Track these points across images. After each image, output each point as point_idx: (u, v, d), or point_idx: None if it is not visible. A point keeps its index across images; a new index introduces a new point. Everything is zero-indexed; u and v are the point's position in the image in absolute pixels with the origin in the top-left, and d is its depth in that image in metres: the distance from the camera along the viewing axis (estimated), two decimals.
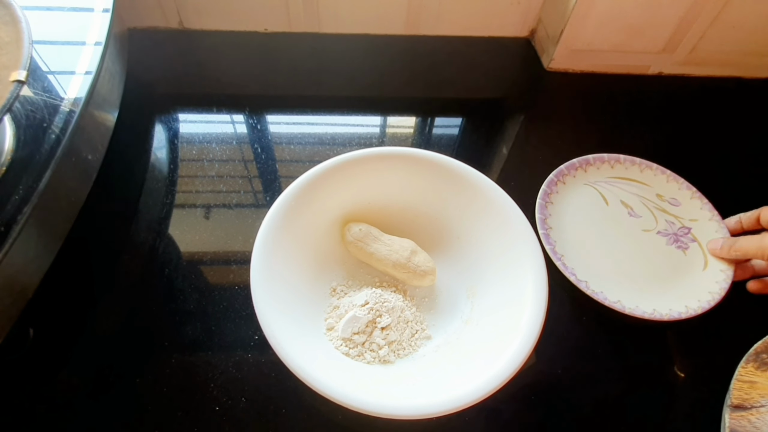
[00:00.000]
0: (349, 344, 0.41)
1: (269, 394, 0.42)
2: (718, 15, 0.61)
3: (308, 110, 0.62)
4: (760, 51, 0.66)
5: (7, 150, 0.39)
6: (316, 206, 0.46)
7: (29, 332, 0.42)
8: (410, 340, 0.43)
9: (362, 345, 0.41)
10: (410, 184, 0.49)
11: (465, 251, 0.48)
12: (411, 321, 0.44)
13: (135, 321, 0.45)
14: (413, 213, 0.50)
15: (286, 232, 0.43)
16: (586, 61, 0.67)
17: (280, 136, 0.59)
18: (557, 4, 0.63)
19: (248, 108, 0.60)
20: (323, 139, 0.59)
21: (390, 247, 0.47)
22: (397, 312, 0.43)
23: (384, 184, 0.49)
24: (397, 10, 0.66)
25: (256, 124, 0.59)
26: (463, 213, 0.48)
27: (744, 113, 0.67)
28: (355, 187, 0.48)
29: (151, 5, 0.64)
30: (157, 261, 0.49)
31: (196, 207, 0.52)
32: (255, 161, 0.56)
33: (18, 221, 0.36)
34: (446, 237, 0.49)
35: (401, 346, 0.42)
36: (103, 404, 0.41)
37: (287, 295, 0.41)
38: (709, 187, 0.54)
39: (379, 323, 0.42)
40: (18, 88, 0.33)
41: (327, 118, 0.61)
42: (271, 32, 0.68)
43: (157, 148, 0.57)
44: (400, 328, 0.43)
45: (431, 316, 0.46)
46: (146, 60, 0.63)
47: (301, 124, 0.60)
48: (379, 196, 0.49)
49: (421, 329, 0.44)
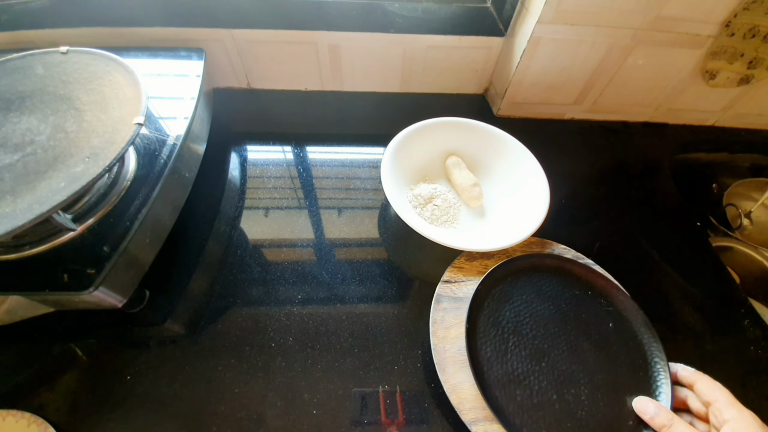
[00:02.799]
0: (418, 200, 0.50)
1: (309, 336, 0.42)
2: (611, 79, 0.61)
3: (334, 143, 0.61)
4: (639, 102, 0.66)
5: (132, 170, 0.39)
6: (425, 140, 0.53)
7: (146, 293, 0.42)
8: (450, 216, 0.50)
9: (423, 206, 0.50)
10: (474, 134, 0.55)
11: (494, 174, 0.54)
12: (452, 206, 0.51)
13: (216, 286, 0.45)
14: (470, 152, 0.56)
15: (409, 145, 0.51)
16: (523, 110, 0.66)
17: (315, 160, 0.58)
18: (503, 73, 0.63)
19: (294, 141, 0.60)
20: (344, 162, 0.58)
21: (462, 176, 0.52)
22: (446, 198, 0.51)
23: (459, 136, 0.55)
24: (394, 75, 0.66)
25: (299, 153, 0.59)
26: (493, 152, 0.54)
27: (627, 147, 0.67)
28: (447, 136, 0.54)
29: (228, 72, 0.64)
30: (232, 245, 0.48)
31: (259, 209, 0.52)
32: (299, 177, 0.56)
33: (138, 218, 0.36)
34: (484, 166, 0.55)
35: (444, 219, 0.50)
36: (193, 343, 0.41)
37: (403, 171, 0.51)
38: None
39: (436, 200, 0.51)
40: (138, 128, 0.33)
41: (347, 148, 0.61)
42: (309, 90, 0.68)
43: (232, 168, 0.57)
44: (444, 208, 0.50)
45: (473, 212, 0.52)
46: (225, 109, 0.62)
47: (329, 153, 0.60)
48: (456, 141, 0.55)
49: (458, 210, 0.51)
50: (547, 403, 0.35)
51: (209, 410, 0.37)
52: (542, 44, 0.55)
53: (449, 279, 0.43)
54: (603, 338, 0.39)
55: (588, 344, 0.39)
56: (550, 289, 0.42)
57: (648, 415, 0.33)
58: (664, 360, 0.37)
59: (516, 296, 0.41)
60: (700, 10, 0.51)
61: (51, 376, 0.38)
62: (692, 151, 0.70)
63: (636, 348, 0.38)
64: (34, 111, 0.37)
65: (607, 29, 0.53)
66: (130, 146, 0.33)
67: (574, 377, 0.36)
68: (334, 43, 0.60)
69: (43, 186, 0.31)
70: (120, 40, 0.56)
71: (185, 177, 0.45)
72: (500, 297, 0.41)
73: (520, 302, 0.41)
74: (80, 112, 0.36)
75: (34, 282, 0.33)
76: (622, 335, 0.39)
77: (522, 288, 0.42)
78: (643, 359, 0.38)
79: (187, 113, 0.45)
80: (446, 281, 0.43)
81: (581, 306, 0.41)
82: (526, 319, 0.39)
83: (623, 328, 0.40)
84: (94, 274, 0.33)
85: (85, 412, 0.36)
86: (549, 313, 0.40)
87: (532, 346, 0.38)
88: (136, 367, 0.39)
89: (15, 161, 0.33)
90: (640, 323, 0.40)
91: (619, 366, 0.37)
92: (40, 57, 0.41)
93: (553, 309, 0.40)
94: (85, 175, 0.31)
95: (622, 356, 0.38)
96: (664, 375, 0.36)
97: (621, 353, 0.38)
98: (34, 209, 0.29)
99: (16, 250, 0.35)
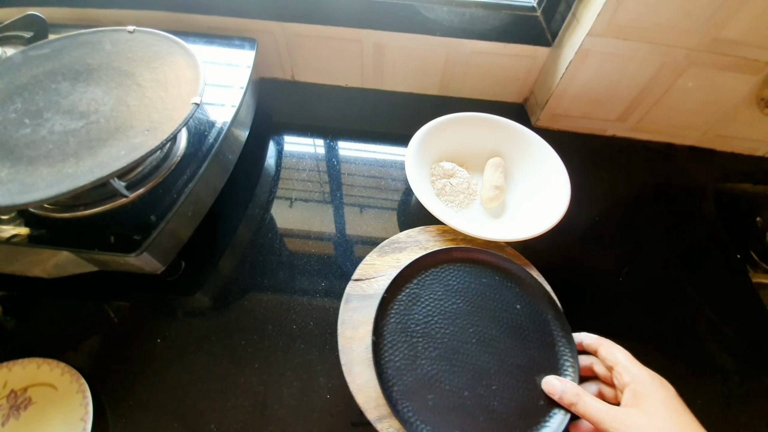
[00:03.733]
0: (438, 171, 0.52)
1: (328, 321, 0.43)
2: (659, 99, 0.59)
3: (369, 140, 0.62)
4: (686, 125, 0.64)
5: (182, 147, 0.42)
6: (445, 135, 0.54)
7: (181, 264, 0.45)
8: (458, 200, 0.51)
9: (439, 178, 0.52)
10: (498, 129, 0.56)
11: (518, 180, 0.54)
12: (464, 192, 0.52)
13: (246, 265, 0.47)
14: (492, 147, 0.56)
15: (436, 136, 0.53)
16: (562, 123, 0.65)
17: (348, 156, 0.60)
18: (545, 83, 0.62)
19: (330, 135, 0.62)
20: (377, 161, 0.59)
21: (495, 176, 0.52)
22: (463, 181, 0.52)
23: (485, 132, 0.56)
24: (434, 78, 0.66)
25: (335, 147, 0.60)
26: (516, 147, 0.55)
27: (669, 169, 0.65)
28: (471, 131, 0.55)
29: (275, 63, 0.66)
30: (263, 229, 0.50)
31: (290, 199, 0.54)
32: (328, 171, 0.57)
33: (184, 192, 0.38)
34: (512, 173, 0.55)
35: (452, 199, 0.51)
36: (220, 315, 0.43)
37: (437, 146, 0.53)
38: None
39: (453, 179, 0.52)
40: (195, 108, 0.35)
41: (379, 147, 0.62)
42: (349, 86, 0.69)
43: (269, 156, 0.59)
44: (458, 190, 0.51)
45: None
46: (269, 98, 0.64)
47: (363, 150, 0.61)
48: (498, 142, 0.56)
49: (470, 200, 0.52)
50: (459, 401, 0.34)
51: (231, 381, 0.38)
52: (590, 57, 0.54)
53: (359, 277, 0.42)
54: (513, 322, 0.38)
55: (498, 331, 0.38)
56: (458, 282, 0.41)
57: (556, 395, 0.33)
58: (569, 333, 0.37)
59: (424, 296, 0.40)
60: (760, 35, 0.49)
61: (87, 331, 0.41)
62: (738, 180, 0.67)
63: (543, 326, 0.38)
64: (100, 83, 0.40)
65: (661, 47, 0.52)
66: (186, 123, 0.35)
67: (485, 369, 0.36)
68: (379, 42, 0.61)
69: (104, 152, 0.34)
70: (179, 25, 0.59)
71: (228, 159, 0.47)
72: (408, 300, 0.39)
73: (428, 302, 0.39)
74: (142, 88, 0.39)
75: (85, 241, 0.36)
76: (529, 315, 0.39)
77: (430, 286, 0.40)
78: (549, 336, 0.38)
79: (235, 101, 0.47)
80: (356, 279, 0.41)
81: (490, 293, 0.40)
82: (436, 318, 0.38)
83: (530, 308, 0.39)
84: (140, 240, 0.35)
85: (115, 367, 0.39)
86: (458, 307, 0.39)
87: (442, 345, 0.37)
88: (167, 332, 0.41)
89: (80, 127, 0.36)
90: (545, 301, 0.39)
91: (529, 348, 0.37)
92: (109, 34, 0.44)
93: (462, 302, 0.39)
94: (144, 145, 0.33)
95: (531, 337, 0.38)
96: (569, 349, 0.36)
97: (530, 334, 0.38)
98: (95, 172, 0.32)
99: (71, 209, 0.37)
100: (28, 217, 0.37)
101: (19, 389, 0.37)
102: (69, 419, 0.35)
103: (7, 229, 0.36)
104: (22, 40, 0.47)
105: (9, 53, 0.43)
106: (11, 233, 0.35)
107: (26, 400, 0.36)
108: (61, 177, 0.32)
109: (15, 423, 0.35)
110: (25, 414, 0.36)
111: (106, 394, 0.37)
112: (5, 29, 0.47)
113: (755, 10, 0.47)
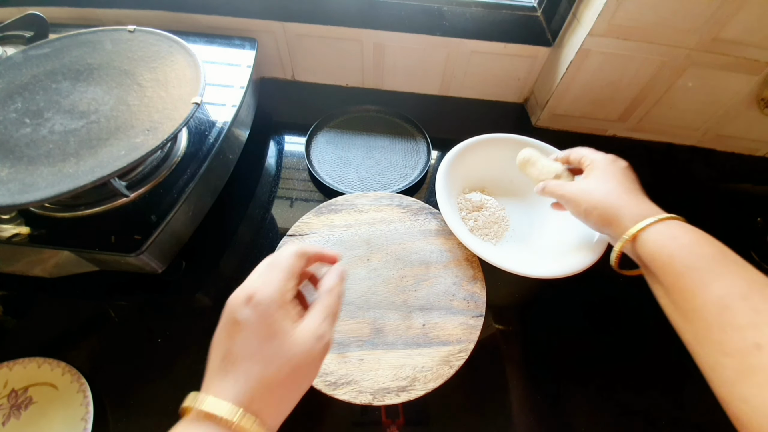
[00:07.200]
0: (466, 204, 0.50)
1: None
2: (659, 99, 0.59)
3: None
4: (687, 125, 0.64)
5: (183, 147, 0.42)
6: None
7: (182, 264, 0.45)
8: (492, 232, 0.49)
9: (469, 212, 0.50)
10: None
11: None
12: (498, 223, 0.50)
13: (246, 265, 0.46)
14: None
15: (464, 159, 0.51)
16: (562, 123, 0.65)
17: None
18: (546, 83, 0.62)
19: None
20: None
21: (544, 169, 0.45)
22: (494, 212, 0.51)
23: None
24: (435, 77, 0.66)
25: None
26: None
27: (669, 169, 0.65)
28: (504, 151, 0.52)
29: (275, 63, 0.66)
30: (264, 228, 0.50)
31: (290, 199, 0.54)
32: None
33: (185, 192, 0.38)
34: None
35: (486, 232, 0.49)
36: (221, 314, 0.43)
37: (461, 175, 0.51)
38: None
39: (484, 210, 0.50)
40: (196, 108, 0.35)
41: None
42: (350, 86, 0.69)
43: (270, 156, 0.59)
44: (490, 222, 0.50)
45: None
46: (269, 98, 0.64)
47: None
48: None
49: (503, 229, 0.50)
50: None
51: None
52: (591, 57, 0.54)
53: (294, 233, 0.45)
54: None
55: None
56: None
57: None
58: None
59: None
60: (760, 35, 0.50)
61: (88, 331, 0.41)
62: (738, 180, 0.67)
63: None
64: (100, 83, 0.40)
65: (661, 47, 0.52)
66: (187, 123, 0.35)
67: None
68: (379, 42, 0.61)
69: (105, 152, 0.34)
70: (179, 25, 0.59)
71: (229, 159, 0.47)
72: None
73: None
74: (142, 88, 0.39)
75: (86, 241, 0.36)
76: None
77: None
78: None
79: (235, 101, 0.47)
80: (290, 235, 0.45)
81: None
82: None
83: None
84: (141, 240, 0.35)
85: (116, 367, 0.39)
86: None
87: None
88: (167, 331, 0.41)
89: (80, 127, 0.36)
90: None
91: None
92: (110, 33, 0.44)
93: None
94: (145, 145, 0.33)
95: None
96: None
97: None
98: (96, 172, 0.32)
99: (72, 209, 0.38)
100: (29, 216, 0.37)
101: (20, 389, 0.37)
102: (69, 419, 0.35)
103: (8, 229, 0.36)
104: (22, 40, 0.47)
105: (9, 53, 0.43)
106: (12, 233, 0.35)
107: (27, 399, 0.36)
108: (62, 177, 0.32)
109: (16, 422, 0.35)
110: (26, 413, 0.36)
111: (107, 394, 0.37)
112: (5, 29, 0.47)
113: (755, 10, 0.47)
